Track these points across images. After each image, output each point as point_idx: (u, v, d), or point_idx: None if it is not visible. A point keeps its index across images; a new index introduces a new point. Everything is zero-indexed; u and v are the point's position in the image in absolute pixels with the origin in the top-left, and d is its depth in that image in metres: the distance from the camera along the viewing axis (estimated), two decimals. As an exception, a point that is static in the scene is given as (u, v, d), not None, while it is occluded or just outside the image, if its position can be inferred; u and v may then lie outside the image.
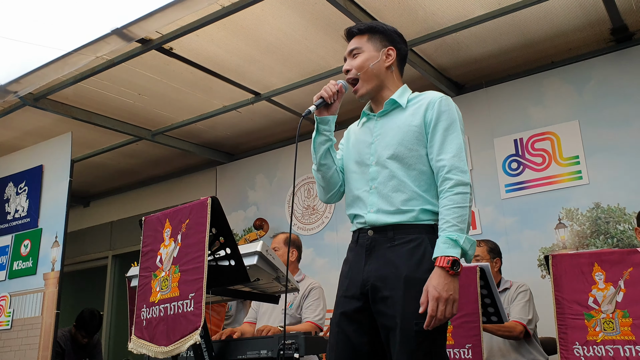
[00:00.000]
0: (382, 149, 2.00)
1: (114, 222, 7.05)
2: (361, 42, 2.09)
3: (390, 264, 1.88)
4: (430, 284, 1.78)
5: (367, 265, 1.92)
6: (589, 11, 3.77)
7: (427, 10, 3.67)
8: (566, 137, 4.17)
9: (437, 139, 1.94)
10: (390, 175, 1.96)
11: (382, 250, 1.91)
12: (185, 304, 2.08)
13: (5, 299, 4.61)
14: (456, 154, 1.90)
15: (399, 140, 1.97)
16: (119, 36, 3.34)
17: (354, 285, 1.95)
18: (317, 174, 2.14)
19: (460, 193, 1.85)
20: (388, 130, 2.02)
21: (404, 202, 1.92)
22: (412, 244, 1.88)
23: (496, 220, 4.33)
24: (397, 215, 1.91)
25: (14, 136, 5.21)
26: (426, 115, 1.97)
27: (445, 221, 1.83)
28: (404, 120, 2.01)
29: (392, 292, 1.84)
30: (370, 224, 1.95)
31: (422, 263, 1.85)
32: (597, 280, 2.36)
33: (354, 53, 2.08)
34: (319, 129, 2.07)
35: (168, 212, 2.34)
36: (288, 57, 4.16)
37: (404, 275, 1.83)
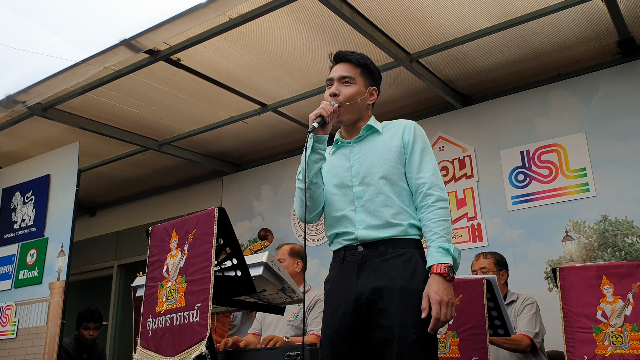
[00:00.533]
0: (366, 169, 2.09)
1: (120, 231, 7.06)
2: (354, 72, 2.17)
3: (384, 276, 1.95)
4: (430, 289, 1.88)
5: (360, 279, 1.98)
6: (596, 23, 3.77)
7: (434, 22, 3.68)
8: (573, 149, 4.16)
9: (415, 159, 2.09)
10: (377, 192, 2.05)
11: (374, 265, 1.99)
12: (191, 315, 2.08)
13: (11, 308, 4.61)
14: (433, 173, 2.06)
15: (383, 160, 2.09)
16: (127, 47, 3.36)
17: (345, 301, 1.99)
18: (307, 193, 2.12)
19: (443, 208, 2.00)
20: (368, 153, 2.13)
21: (392, 215, 2.01)
22: (404, 257, 1.98)
23: (503, 232, 4.31)
24: (387, 230, 2.00)
25: (22, 146, 5.24)
26: (404, 137, 2.12)
27: (433, 232, 1.96)
28: (384, 143, 2.13)
29: (388, 304, 1.91)
30: (361, 240, 2.02)
31: (416, 275, 1.95)
32: (605, 293, 2.34)
33: (346, 81, 2.15)
34: (314, 147, 2.09)
35: (175, 222, 2.34)
36: (294, 69, 4.17)
37: (399, 286, 1.92)
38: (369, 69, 2.20)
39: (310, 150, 2.09)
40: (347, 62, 2.18)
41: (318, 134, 2.10)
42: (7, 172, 5.26)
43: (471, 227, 4.45)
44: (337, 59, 2.21)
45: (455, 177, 4.62)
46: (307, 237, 5.31)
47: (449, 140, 4.72)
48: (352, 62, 2.17)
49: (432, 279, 1.89)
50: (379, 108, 4.88)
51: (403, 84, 4.48)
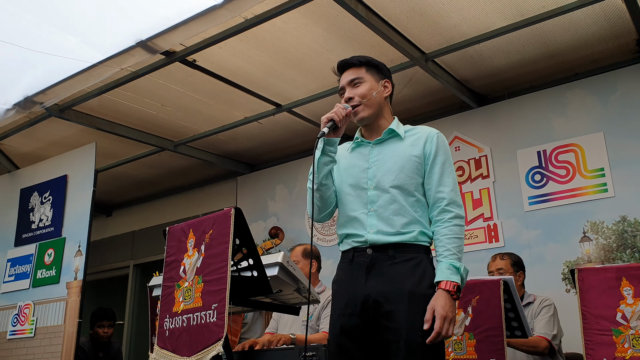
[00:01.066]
0: (382, 174, 2.10)
1: (136, 231, 7.11)
2: (360, 73, 2.19)
3: (392, 280, 1.97)
4: (437, 303, 1.90)
5: (368, 281, 2.00)
6: (614, 22, 3.73)
7: (449, 21, 3.66)
8: (591, 149, 4.11)
9: (436, 172, 2.09)
10: (391, 199, 2.06)
11: (383, 268, 2.00)
12: (208, 315, 2.09)
13: (29, 307, 4.66)
14: (453, 189, 2.07)
15: (400, 168, 2.09)
16: (143, 48, 3.37)
17: (353, 302, 2.00)
18: (315, 193, 2.16)
19: (459, 225, 2.03)
20: (387, 158, 2.13)
21: (404, 225, 2.03)
22: (413, 262, 2.00)
23: (519, 232, 4.28)
24: (398, 236, 2.02)
25: (40, 146, 5.30)
26: (425, 148, 2.12)
27: (446, 249, 1.98)
28: (404, 150, 2.13)
29: (395, 307, 1.93)
30: (371, 243, 2.03)
31: (424, 280, 1.98)
32: (625, 295, 2.31)
33: (355, 82, 2.18)
34: (324, 149, 2.12)
35: (192, 222, 2.35)
36: (309, 69, 4.17)
37: (407, 290, 1.94)
38: (373, 64, 2.22)
39: (321, 153, 2.12)
40: (350, 67, 2.22)
41: (329, 136, 2.12)
42: (25, 172, 5.33)
43: (487, 227, 4.42)
44: (341, 68, 2.25)
45: (471, 178, 4.59)
46: (321, 238, 5.31)
47: (464, 140, 4.69)
48: (354, 64, 2.21)
49: (440, 293, 1.92)
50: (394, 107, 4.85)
51: (418, 83, 4.46)
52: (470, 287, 2.79)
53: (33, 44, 3.51)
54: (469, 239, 4.45)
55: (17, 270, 4.95)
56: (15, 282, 4.92)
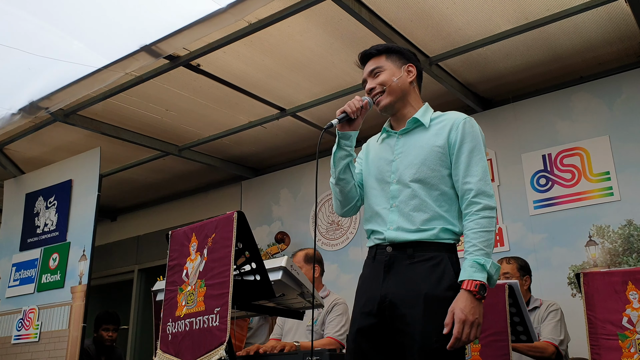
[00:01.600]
0: (405, 167, 2.01)
1: (140, 236, 7.12)
2: (380, 61, 2.12)
3: (409, 281, 1.89)
4: (457, 306, 1.79)
5: (386, 281, 1.93)
6: (619, 25, 3.71)
7: (453, 25, 3.65)
8: (596, 153, 4.09)
9: (462, 161, 1.95)
10: (412, 194, 1.97)
11: (401, 267, 1.92)
12: (210, 319, 2.08)
13: (34, 311, 4.67)
14: (482, 178, 1.92)
15: (422, 160, 1.99)
16: (147, 53, 3.39)
17: (371, 301, 1.95)
18: (334, 188, 2.15)
19: (487, 217, 1.87)
20: (410, 149, 2.04)
21: (424, 221, 1.93)
22: (432, 262, 1.89)
23: (524, 237, 4.25)
24: (417, 234, 1.93)
25: (45, 151, 5.32)
26: (450, 136, 1.99)
27: (472, 244, 1.85)
28: (427, 140, 2.02)
29: (411, 310, 1.84)
30: (390, 241, 1.96)
31: (442, 281, 1.86)
32: (631, 299, 2.29)
33: (376, 72, 2.12)
34: (340, 143, 2.07)
35: (194, 226, 2.35)
36: (313, 73, 4.17)
37: (423, 292, 1.84)
38: (394, 50, 2.15)
39: (337, 147, 2.07)
40: (370, 58, 2.16)
41: (345, 130, 2.07)
42: (30, 177, 5.34)
43: (492, 231, 4.39)
44: (362, 61, 2.19)
45: (476, 181, 4.56)
46: (325, 242, 5.30)
47: (469, 144, 4.66)
48: (373, 54, 2.15)
49: (461, 294, 1.80)
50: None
51: (423, 87, 4.41)
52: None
53: (38, 49, 3.53)
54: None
55: (22, 275, 4.96)
56: (20, 287, 4.93)
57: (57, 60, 3.62)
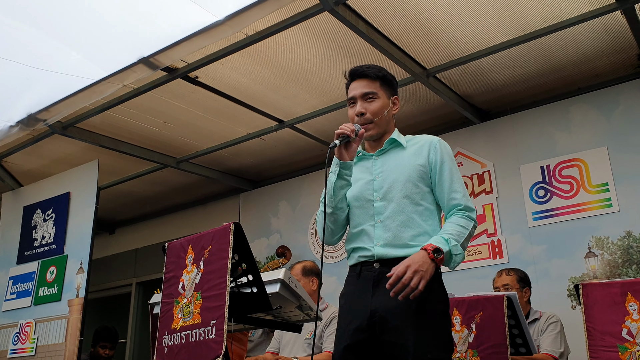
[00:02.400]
0: (389, 185, 2.07)
1: (139, 249, 7.09)
2: (375, 87, 2.14)
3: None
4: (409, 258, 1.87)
5: (375, 296, 1.96)
6: (616, 37, 3.73)
7: (451, 37, 3.66)
8: (594, 164, 4.09)
9: (445, 179, 2.08)
10: (398, 210, 2.03)
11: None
12: (206, 331, 2.06)
13: (30, 325, 4.64)
14: (464, 194, 2.08)
15: (406, 178, 2.06)
16: (145, 65, 3.39)
17: (359, 317, 1.97)
18: (329, 217, 2.11)
19: (468, 219, 2.03)
20: (392, 168, 2.10)
21: (412, 237, 2.00)
22: None
23: (524, 248, 4.24)
24: (405, 249, 1.98)
25: (43, 164, 5.31)
26: (430, 157, 2.11)
27: (444, 230, 1.97)
28: (407, 159, 2.11)
29: (402, 322, 1.88)
30: (379, 257, 2.00)
31: (431, 294, 1.91)
32: (630, 310, 2.27)
33: (369, 97, 2.14)
34: (340, 173, 2.07)
35: (191, 238, 2.33)
36: (311, 85, 4.18)
37: (414, 306, 1.88)
38: (387, 80, 2.18)
39: (337, 177, 2.07)
40: (364, 78, 2.15)
41: (344, 159, 2.07)
42: (28, 190, 5.34)
43: (491, 243, 4.38)
44: (354, 76, 2.18)
45: (475, 193, 4.56)
46: (325, 255, 5.28)
47: (467, 156, 4.67)
48: (370, 76, 2.14)
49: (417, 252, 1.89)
50: (397, 124, 4.84)
51: (420, 99, 4.46)
52: (473, 304, 2.76)
53: (36, 61, 3.54)
54: (473, 255, 4.42)
55: (19, 288, 4.94)
56: (16, 300, 4.90)
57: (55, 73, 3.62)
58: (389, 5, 3.33)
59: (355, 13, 3.36)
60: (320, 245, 5.31)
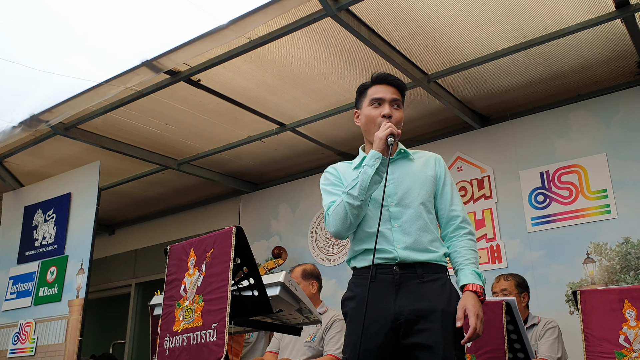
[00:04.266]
0: (404, 191, 2.14)
1: (138, 250, 7.11)
2: (399, 96, 2.24)
3: (424, 298, 1.98)
4: (467, 303, 1.96)
5: (398, 299, 1.98)
6: (616, 44, 3.75)
7: (452, 43, 3.69)
8: (593, 170, 4.11)
9: (447, 192, 2.20)
10: (416, 215, 2.10)
11: (412, 286, 2.01)
12: (208, 334, 2.08)
13: (30, 325, 4.65)
14: (463, 208, 2.21)
15: (421, 185, 2.16)
16: (148, 67, 3.41)
17: (380, 320, 1.97)
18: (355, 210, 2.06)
19: (473, 240, 2.15)
20: (404, 176, 2.17)
21: (430, 242, 2.08)
22: (440, 282, 2.04)
23: (522, 253, 4.26)
24: (426, 254, 2.05)
25: (44, 164, 5.33)
26: (437, 170, 2.24)
27: (466, 258, 2.08)
28: (418, 169, 2.20)
29: (431, 325, 1.94)
30: (401, 259, 2.03)
31: (452, 299, 2.01)
32: (628, 317, 2.29)
33: (397, 105, 2.22)
34: (379, 169, 2.05)
35: (193, 241, 2.35)
36: (313, 89, 4.20)
37: (440, 309, 1.97)
38: (404, 94, 2.28)
39: (375, 171, 2.05)
40: (393, 86, 2.23)
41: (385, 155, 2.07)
42: (29, 190, 5.35)
43: (490, 248, 4.41)
44: (384, 81, 2.23)
45: (474, 198, 4.59)
46: (324, 257, 5.30)
47: (467, 161, 4.69)
48: (398, 87, 2.24)
49: (468, 295, 1.98)
50: (397, 128, 4.88)
51: (421, 104, 4.48)
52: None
53: (39, 63, 3.56)
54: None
55: (19, 288, 4.95)
56: (17, 300, 4.91)
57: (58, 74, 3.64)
58: (391, 11, 3.35)
59: (357, 19, 3.39)
60: (318, 249, 5.34)
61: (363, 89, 2.29)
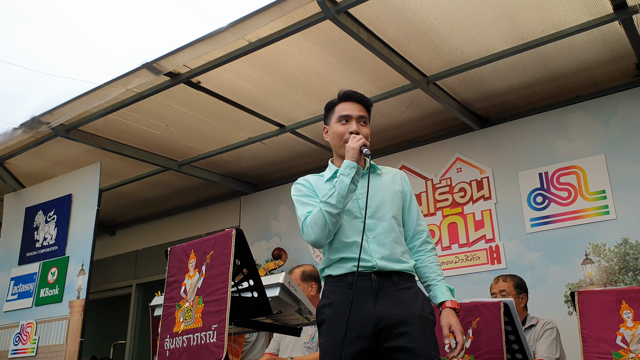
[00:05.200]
0: (377, 205, 2.21)
1: (139, 251, 7.12)
2: (365, 113, 2.30)
3: (402, 303, 2.08)
4: (451, 320, 2.11)
5: (377, 305, 2.06)
6: (614, 46, 3.77)
7: (451, 44, 3.71)
8: (592, 171, 4.13)
9: (414, 208, 2.33)
10: (390, 228, 2.19)
11: (389, 293, 2.09)
12: (208, 335, 2.09)
13: (32, 326, 4.67)
14: (425, 223, 2.36)
15: (391, 200, 2.25)
16: (148, 70, 3.43)
17: (361, 325, 2.03)
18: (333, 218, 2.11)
19: (436, 255, 2.31)
20: (375, 189, 2.23)
21: (402, 254, 2.18)
22: (412, 290, 2.15)
23: (521, 254, 4.27)
24: (400, 264, 2.16)
25: (45, 166, 5.35)
26: (404, 186, 2.35)
27: (437, 274, 2.24)
28: (388, 184, 2.30)
29: (410, 328, 2.02)
30: (379, 268, 2.11)
31: (425, 306, 2.13)
32: (625, 318, 2.31)
33: (364, 121, 2.28)
34: (354, 178, 2.12)
35: (193, 242, 2.37)
36: (312, 91, 4.22)
37: (417, 313, 2.07)
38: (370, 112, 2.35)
39: (351, 181, 2.11)
40: (359, 103, 2.29)
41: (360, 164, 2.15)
42: (30, 191, 5.37)
43: (489, 249, 4.42)
44: (350, 98, 2.29)
45: (473, 199, 4.60)
46: (324, 258, 5.31)
47: (466, 162, 4.71)
48: (364, 104, 2.30)
49: (449, 312, 2.13)
50: (397, 129, 4.90)
51: (420, 106, 4.50)
52: (470, 309, 2.79)
53: (40, 65, 3.57)
54: (471, 260, 4.45)
55: (20, 289, 4.97)
56: (18, 301, 4.93)
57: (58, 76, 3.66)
58: (389, 13, 3.37)
59: (356, 21, 3.41)
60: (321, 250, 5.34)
61: (330, 106, 2.35)
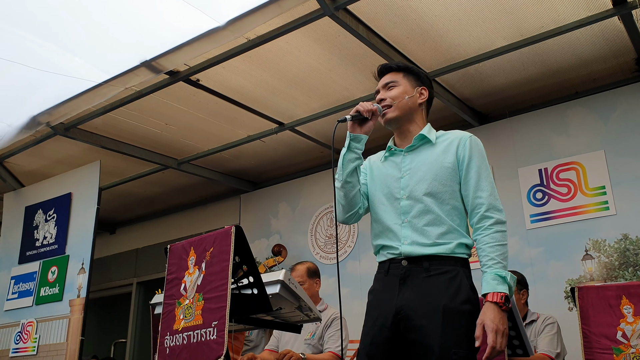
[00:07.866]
0: (415, 183, 2.03)
1: (139, 249, 7.13)
2: (397, 77, 2.16)
3: (426, 293, 1.89)
4: (485, 317, 1.81)
5: (401, 294, 1.93)
6: (613, 42, 3.76)
7: (450, 41, 3.70)
8: (592, 167, 4.13)
9: (472, 177, 2.00)
10: (424, 209, 1.99)
11: (418, 280, 1.93)
12: (208, 332, 2.09)
13: (32, 324, 4.67)
14: (491, 193, 1.98)
15: (433, 176, 2.02)
16: (148, 68, 3.42)
17: (384, 314, 1.95)
18: (339, 192, 2.11)
19: (500, 231, 1.92)
20: (419, 165, 2.06)
21: (440, 235, 1.95)
22: (448, 275, 1.91)
23: (521, 250, 4.27)
24: (434, 247, 1.94)
25: (45, 164, 5.35)
26: (458, 153, 2.04)
27: (490, 258, 1.89)
28: (436, 157, 2.05)
29: (428, 322, 1.85)
30: (406, 255, 1.97)
31: (459, 294, 1.88)
32: (625, 313, 2.31)
33: (390, 85, 2.15)
34: (350, 146, 2.08)
35: (193, 240, 2.37)
36: (312, 88, 4.22)
37: (442, 305, 1.85)
38: (412, 71, 2.19)
39: (347, 149, 2.07)
40: (389, 72, 2.20)
41: (356, 132, 2.08)
42: (30, 190, 5.37)
43: (489, 245, 4.41)
44: (380, 73, 2.23)
45: (473, 195, 4.59)
46: (323, 256, 5.31)
47: (466, 159, 4.70)
48: (393, 69, 2.19)
49: (488, 307, 1.82)
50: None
51: (420, 102, 4.49)
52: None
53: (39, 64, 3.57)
54: (472, 256, 4.44)
55: (20, 288, 4.97)
56: (18, 300, 4.94)
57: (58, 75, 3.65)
58: (388, 10, 3.37)
59: (355, 18, 3.40)
60: (318, 247, 5.36)
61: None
